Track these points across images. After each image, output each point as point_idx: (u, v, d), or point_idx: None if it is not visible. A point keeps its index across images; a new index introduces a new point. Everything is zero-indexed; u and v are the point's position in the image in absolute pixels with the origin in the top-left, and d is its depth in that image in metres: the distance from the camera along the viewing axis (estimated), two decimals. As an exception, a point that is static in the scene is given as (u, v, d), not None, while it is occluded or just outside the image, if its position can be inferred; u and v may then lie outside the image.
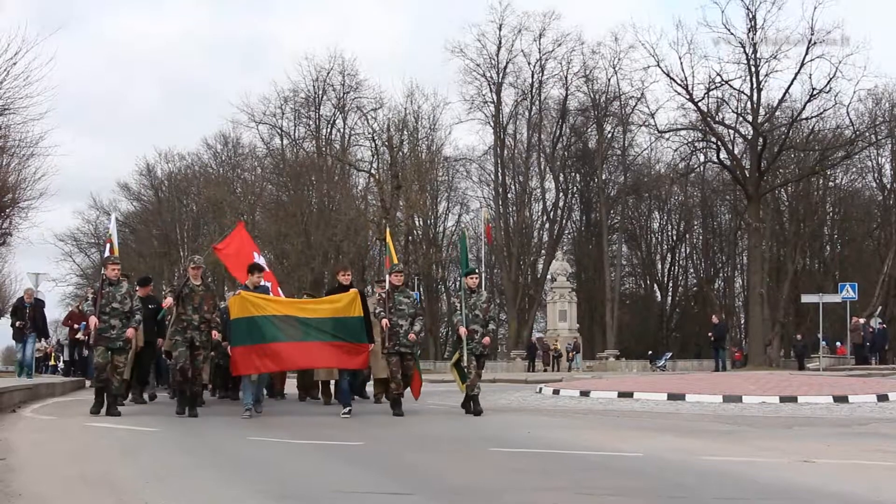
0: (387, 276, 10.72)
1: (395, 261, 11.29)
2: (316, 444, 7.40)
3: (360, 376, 11.78)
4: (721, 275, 51.31)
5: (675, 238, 53.14)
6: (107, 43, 64.50)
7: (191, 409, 9.53)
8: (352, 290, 10.10)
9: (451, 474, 5.62)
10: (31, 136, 21.02)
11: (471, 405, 10.10)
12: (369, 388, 12.80)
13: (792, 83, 33.50)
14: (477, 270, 11.02)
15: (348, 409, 9.75)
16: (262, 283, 10.72)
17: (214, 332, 10.02)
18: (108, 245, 11.46)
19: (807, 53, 32.18)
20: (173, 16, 64.20)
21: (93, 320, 9.41)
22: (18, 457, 6.33)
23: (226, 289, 26.99)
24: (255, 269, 10.53)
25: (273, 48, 58.22)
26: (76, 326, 18.77)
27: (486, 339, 10.21)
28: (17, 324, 16.01)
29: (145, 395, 12.09)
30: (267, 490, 4.94)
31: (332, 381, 11.93)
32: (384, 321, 9.86)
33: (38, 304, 16.51)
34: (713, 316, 28.48)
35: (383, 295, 10.41)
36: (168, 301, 10.04)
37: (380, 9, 56.35)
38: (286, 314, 9.93)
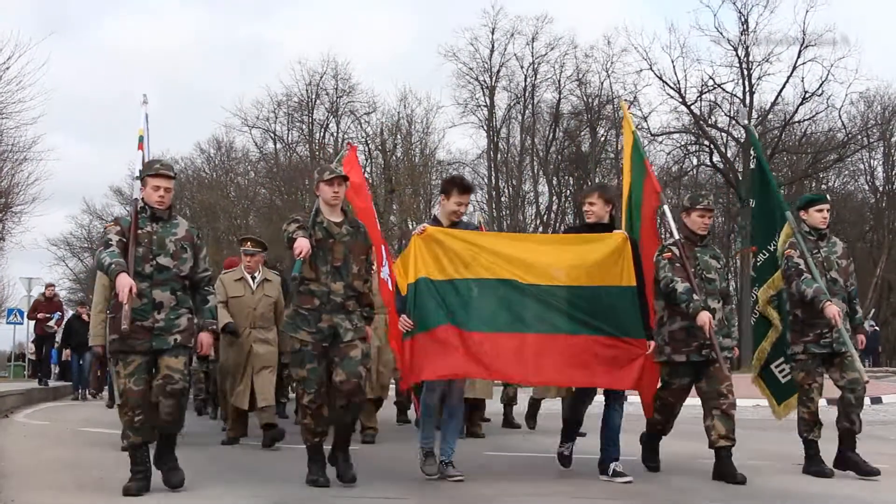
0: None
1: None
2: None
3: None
4: (714, 278, 51.29)
5: (668, 241, 53.14)
6: (103, 47, 64.23)
7: (321, 473, 5.28)
8: (616, 232, 5.69)
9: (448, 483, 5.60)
10: (23, 141, 20.88)
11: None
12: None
13: (784, 86, 33.64)
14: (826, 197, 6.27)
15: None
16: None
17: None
18: (141, 140, 6.19)
19: (799, 57, 32.34)
20: (171, 21, 64.06)
21: (125, 281, 4.63)
22: (11, 463, 6.30)
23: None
24: (458, 185, 5.74)
25: (272, 53, 58.11)
26: (47, 316, 16.69)
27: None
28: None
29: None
30: (263, 495, 4.92)
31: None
32: None
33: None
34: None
35: None
36: (302, 245, 5.02)
37: (380, 14, 56.34)
38: (513, 277, 5.50)
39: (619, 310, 5.48)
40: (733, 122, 35.58)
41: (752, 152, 6.79)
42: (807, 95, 33.08)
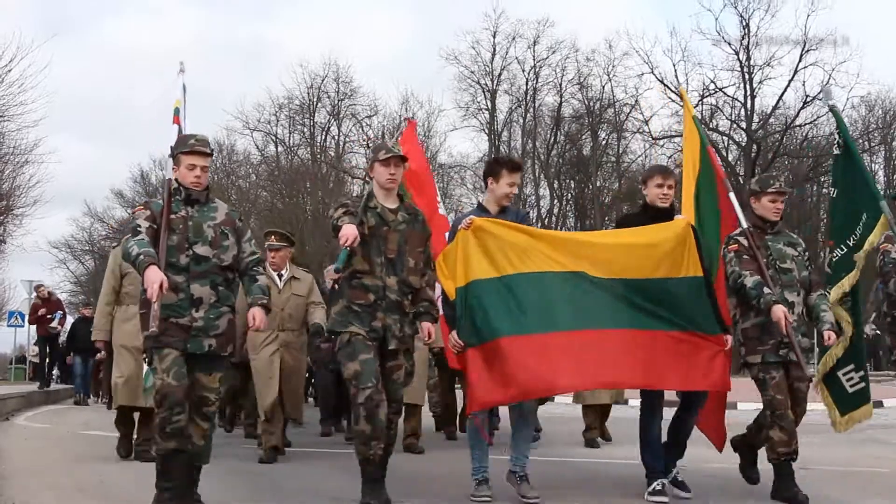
0: None
1: None
2: (312, 451, 7.38)
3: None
4: (715, 281, 51.27)
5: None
6: (104, 48, 64.24)
7: (378, 496, 4.54)
8: (678, 219, 5.13)
9: (449, 483, 5.60)
10: (25, 144, 20.92)
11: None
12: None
13: (785, 90, 33.66)
14: None
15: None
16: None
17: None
18: (177, 112, 5.47)
19: (800, 61, 32.36)
20: (172, 21, 64.07)
21: (155, 275, 4.05)
22: (11, 465, 6.30)
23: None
24: (507, 165, 5.12)
25: (273, 54, 58.13)
26: (49, 316, 16.31)
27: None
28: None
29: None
30: (260, 498, 4.92)
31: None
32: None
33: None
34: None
35: None
36: (349, 233, 4.45)
37: (381, 16, 56.36)
38: (580, 269, 4.87)
39: (688, 302, 4.90)
40: (734, 125, 35.58)
41: (837, 135, 6.05)
42: (808, 99, 33.11)
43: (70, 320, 17.90)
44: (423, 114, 47.31)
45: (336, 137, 46.05)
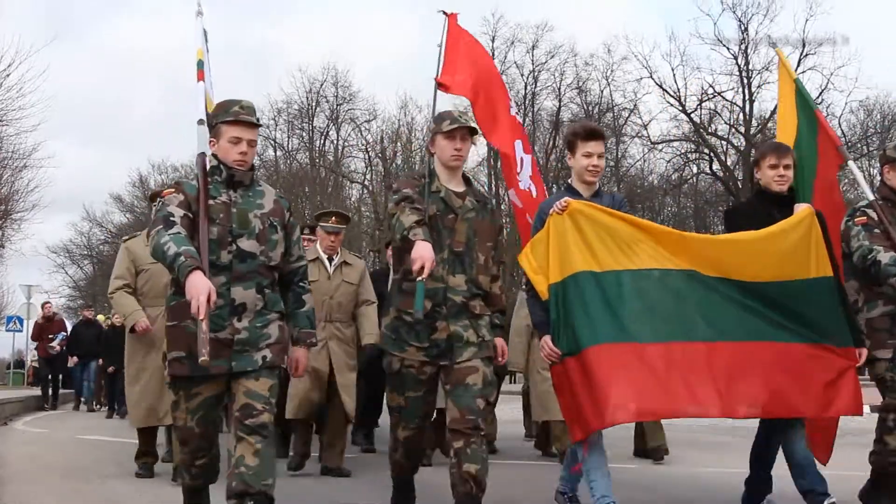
0: None
1: None
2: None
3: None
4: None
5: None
6: (103, 51, 64.24)
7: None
8: (801, 208, 4.26)
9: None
10: (23, 148, 20.93)
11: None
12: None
13: (784, 95, 33.67)
14: None
15: None
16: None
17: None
18: (200, 65, 4.52)
19: (798, 65, 32.41)
20: (172, 25, 64.06)
21: (202, 283, 3.16)
22: (10, 469, 6.27)
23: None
24: (579, 133, 4.23)
25: (273, 59, 58.11)
26: (50, 336, 15.85)
27: None
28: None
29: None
30: None
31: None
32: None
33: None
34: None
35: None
36: (425, 257, 3.52)
37: (380, 19, 56.45)
38: (693, 267, 4.10)
39: (817, 309, 4.09)
40: (733, 129, 35.66)
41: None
42: (806, 104, 33.12)
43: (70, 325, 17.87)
44: (423, 118, 47.31)
45: (335, 142, 46.07)
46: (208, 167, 3.70)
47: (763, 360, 3.99)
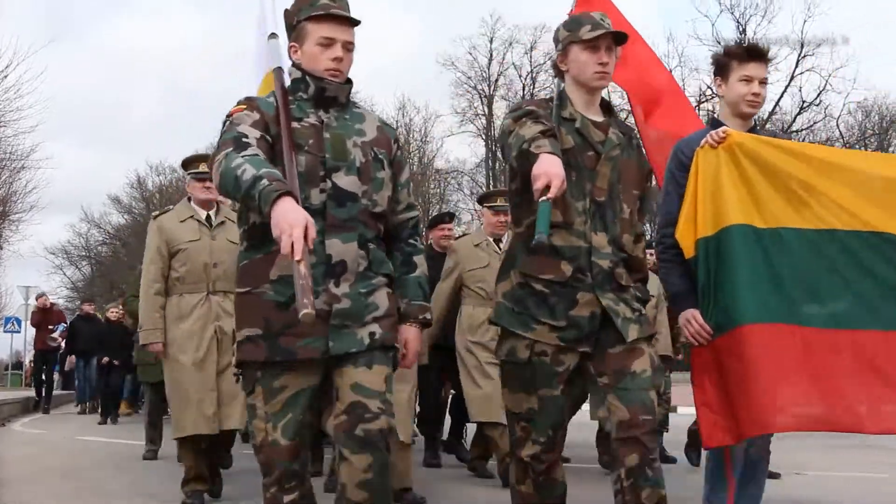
0: None
1: None
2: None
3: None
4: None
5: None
6: (102, 52, 64.19)
7: None
8: None
9: (450, 490, 5.58)
10: (21, 149, 20.95)
11: None
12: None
13: (782, 96, 33.77)
14: None
15: None
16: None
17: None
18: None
19: (797, 66, 32.51)
20: (172, 26, 64.00)
21: (295, 214, 2.17)
22: (8, 471, 6.26)
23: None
24: (737, 54, 3.26)
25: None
26: (51, 327, 14.62)
27: None
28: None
29: None
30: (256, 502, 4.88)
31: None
32: None
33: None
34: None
35: None
36: (553, 173, 2.44)
37: (379, 21, 56.44)
38: (886, 230, 2.98)
39: None
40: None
41: None
42: (805, 105, 33.27)
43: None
44: (420, 119, 47.38)
45: (334, 143, 46.15)
46: (288, 83, 2.74)
47: None
